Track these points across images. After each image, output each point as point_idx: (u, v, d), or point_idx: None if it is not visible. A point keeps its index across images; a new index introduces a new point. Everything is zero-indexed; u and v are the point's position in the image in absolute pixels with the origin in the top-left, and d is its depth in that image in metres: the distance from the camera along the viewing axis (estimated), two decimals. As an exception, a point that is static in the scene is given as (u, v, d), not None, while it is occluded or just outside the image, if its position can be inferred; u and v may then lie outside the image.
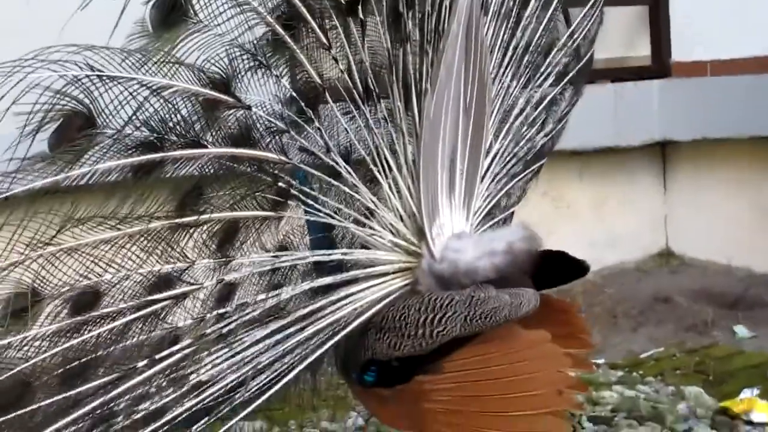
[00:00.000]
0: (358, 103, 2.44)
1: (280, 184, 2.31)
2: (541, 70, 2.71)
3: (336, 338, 2.34)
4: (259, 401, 2.31)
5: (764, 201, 5.56)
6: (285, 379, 2.32)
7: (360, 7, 2.40)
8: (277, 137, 2.32)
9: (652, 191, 6.12)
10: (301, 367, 2.33)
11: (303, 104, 2.38)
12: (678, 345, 4.54)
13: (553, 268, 2.44)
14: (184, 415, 2.22)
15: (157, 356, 2.20)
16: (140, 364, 2.17)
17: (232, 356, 2.28)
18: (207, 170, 2.21)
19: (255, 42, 2.27)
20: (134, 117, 2.07)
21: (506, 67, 2.61)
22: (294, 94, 2.37)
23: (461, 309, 2.27)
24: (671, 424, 3.52)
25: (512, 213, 2.71)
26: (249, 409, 2.30)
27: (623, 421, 3.57)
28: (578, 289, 5.41)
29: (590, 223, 5.83)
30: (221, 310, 2.27)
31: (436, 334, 2.28)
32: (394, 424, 2.66)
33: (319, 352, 2.34)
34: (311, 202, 2.37)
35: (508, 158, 2.62)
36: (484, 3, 2.50)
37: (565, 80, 2.79)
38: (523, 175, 2.69)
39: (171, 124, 2.14)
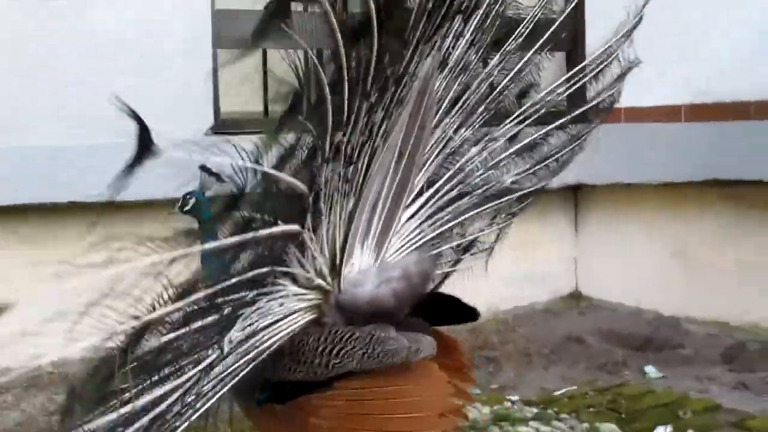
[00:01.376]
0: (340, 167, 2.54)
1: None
2: (513, 115, 2.82)
3: (250, 366, 2.40)
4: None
5: (672, 245, 5.71)
6: (209, 403, 2.37)
7: (373, 89, 2.52)
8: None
9: (564, 234, 6.23)
10: (221, 393, 2.38)
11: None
12: (590, 383, 4.60)
13: (447, 309, 2.63)
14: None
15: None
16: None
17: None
18: None
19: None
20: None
21: (456, 115, 2.72)
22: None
23: (360, 345, 2.39)
24: (588, 460, 3.57)
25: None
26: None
27: (541, 456, 3.60)
28: (492, 327, 5.46)
29: (504, 263, 5.86)
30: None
31: (332, 366, 2.40)
32: None
33: (236, 379, 2.39)
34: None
35: (451, 197, 2.72)
36: (444, 59, 2.62)
37: (552, 126, 2.90)
38: (478, 210, 2.79)
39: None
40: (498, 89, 2.78)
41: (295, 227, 2.41)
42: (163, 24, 4.93)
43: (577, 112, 2.94)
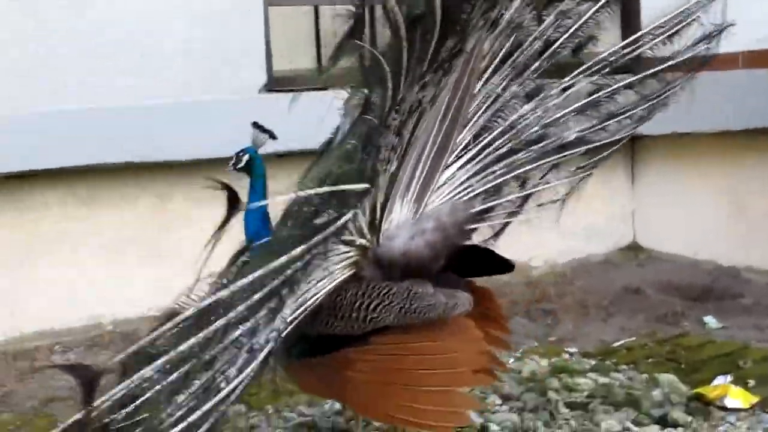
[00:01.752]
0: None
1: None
2: (571, 74, 2.84)
3: (294, 324, 2.44)
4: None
5: (730, 194, 5.64)
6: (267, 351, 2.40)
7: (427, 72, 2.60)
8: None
9: (621, 186, 6.18)
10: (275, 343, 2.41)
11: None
12: (649, 335, 4.59)
13: (482, 261, 2.70)
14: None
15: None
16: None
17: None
18: None
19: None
20: None
21: (506, 72, 2.75)
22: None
23: (397, 301, 2.45)
24: (646, 410, 3.56)
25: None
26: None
27: (599, 407, 3.60)
28: (549, 280, 5.47)
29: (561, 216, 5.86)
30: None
31: (369, 320, 2.46)
32: (318, 392, 2.93)
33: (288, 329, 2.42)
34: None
35: (501, 153, 2.73)
36: (494, 19, 2.65)
37: (618, 85, 2.90)
38: (537, 164, 2.81)
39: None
40: (553, 47, 2.76)
41: (353, 212, 2.47)
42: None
43: (648, 72, 2.89)
